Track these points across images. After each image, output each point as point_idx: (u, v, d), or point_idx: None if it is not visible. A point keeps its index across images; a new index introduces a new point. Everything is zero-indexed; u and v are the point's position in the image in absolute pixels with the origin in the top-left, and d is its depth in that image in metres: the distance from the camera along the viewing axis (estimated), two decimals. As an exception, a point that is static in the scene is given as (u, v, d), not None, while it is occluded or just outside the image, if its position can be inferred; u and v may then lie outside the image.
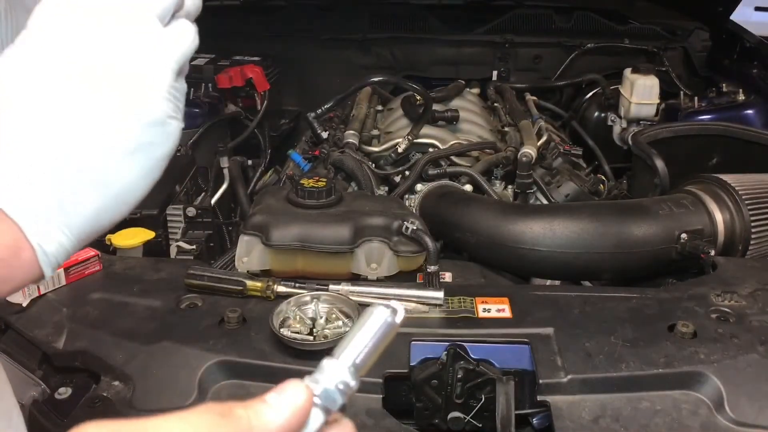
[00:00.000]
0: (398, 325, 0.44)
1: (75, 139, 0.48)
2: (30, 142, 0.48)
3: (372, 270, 1.25)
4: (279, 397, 0.39)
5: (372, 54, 2.52)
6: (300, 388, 0.40)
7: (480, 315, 1.08)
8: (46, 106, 0.49)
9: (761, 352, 0.98)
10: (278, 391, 0.40)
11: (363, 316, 0.44)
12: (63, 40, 0.50)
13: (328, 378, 0.41)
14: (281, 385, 0.40)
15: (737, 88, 2.11)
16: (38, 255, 0.48)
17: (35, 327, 1.07)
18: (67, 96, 0.49)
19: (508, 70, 2.51)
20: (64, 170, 0.48)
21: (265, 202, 1.35)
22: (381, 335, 0.43)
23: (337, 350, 0.43)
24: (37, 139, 0.48)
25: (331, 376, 0.42)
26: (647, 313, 1.09)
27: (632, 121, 2.14)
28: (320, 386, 0.41)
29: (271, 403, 0.39)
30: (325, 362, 0.42)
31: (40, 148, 0.48)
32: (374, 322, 0.43)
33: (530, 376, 0.99)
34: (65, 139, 0.48)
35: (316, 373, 0.42)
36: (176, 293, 1.13)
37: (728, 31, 2.37)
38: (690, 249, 1.29)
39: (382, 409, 0.93)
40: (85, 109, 0.49)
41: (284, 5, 2.52)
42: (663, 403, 0.92)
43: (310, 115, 1.87)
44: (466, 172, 1.65)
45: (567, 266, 1.34)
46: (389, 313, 0.44)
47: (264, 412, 0.38)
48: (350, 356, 0.42)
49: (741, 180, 1.42)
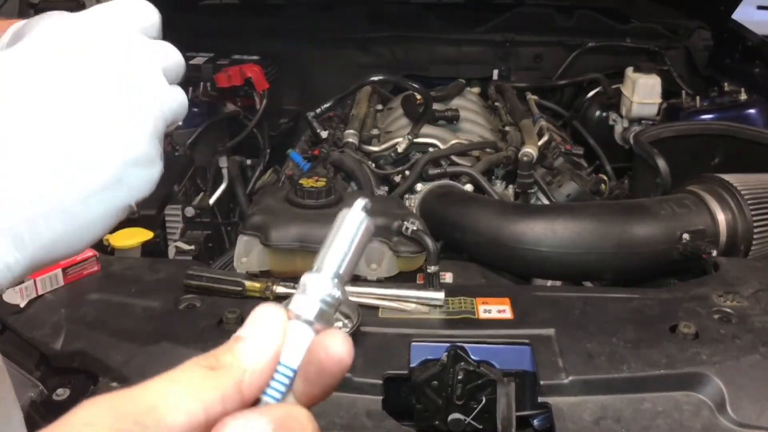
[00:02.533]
0: (371, 222, 0.41)
1: (47, 163, 0.45)
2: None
3: (372, 270, 1.25)
4: (255, 329, 0.38)
5: (372, 53, 2.51)
6: (271, 312, 0.38)
7: (480, 316, 1.08)
8: (23, 129, 0.45)
9: (763, 353, 0.97)
10: (251, 323, 0.38)
11: (336, 222, 0.41)
12: (45, 73, 0.47)
13: (312, 292, 0.39)
14: (252, 314, 0.38)
15: (739, 88, 2.11)
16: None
17: (33, 328, 1.06)
18: (46, 121, 0.46)
19: (508, 69, 2.50)
20: (29, 193, 0.45)
21: (264, 202, 1.35)
22: (360, 238, 0.41)
23: (317, 262, 0.40)
24: (8, 156, 0.44)
25: (314, 289, 0.39)
26: (649, 314, 1.08)
27: (634, 121, 2.14)
28: (305, 302, 0.39)
29: (250, 338, 0.38)
30: (305, 277, 0.40)
31: (8, 165, 0.44)
32: (350, 226, 0.41)
33: (531, 378, 0.98)
34: (39, 161, 0.45)
35: (299, 291, 0.40)
36: (175, 294, 1.13)
37: (730, 30, 2.36)
38: (692, 249, 1.29)
39: (382, 411, 0.92)
40: (64, 136, 0.46)
41: (284, 4, 2.52)
42: (665, 404, 0.92)
43: (310, 114, 1.86)
44: (466, 171, 1.64)
45: (568, 267, 1.34)
46: (361, 211, 0.41)
47: (248, 351, 0.37)
48: (332, 267, 0.40)
49: (743, 180, 1.41)
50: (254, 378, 0.37)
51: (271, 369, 0.37)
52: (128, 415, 0.33)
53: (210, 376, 0.36)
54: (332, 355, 0.38)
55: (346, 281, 0.40)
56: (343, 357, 0.37)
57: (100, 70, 0.49)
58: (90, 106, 0.48)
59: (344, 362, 0.38)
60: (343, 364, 0.38)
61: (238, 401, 0.36)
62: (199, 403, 0.35)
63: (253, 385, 0.37)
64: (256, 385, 0.37)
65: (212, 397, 0.35)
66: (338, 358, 0.37)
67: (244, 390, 0.36)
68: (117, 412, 0.33)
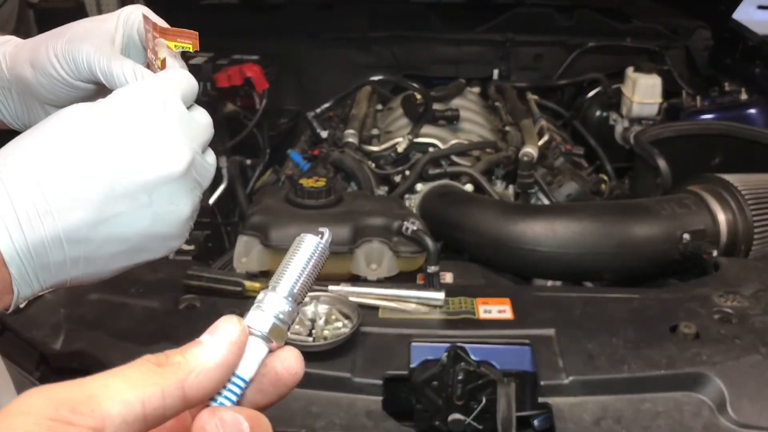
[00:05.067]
0: (327, 247, 0.45)
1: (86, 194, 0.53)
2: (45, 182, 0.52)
3: (372, 270, 1.25)
4: (212, 336, 0.40)
5: (372, 53, 2.51)
6: (232, 323, 0.40)
7: (481, 316, 1.08)
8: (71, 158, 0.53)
9: (764, 353, 0.97)
10: (211, 331, 0.40)
11: (294, 245, 0.45)
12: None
13: (268, 309, 0.42)
14: (214, 324, 0.41)
15: (740, 87, 2.10)
16: (13, 300, 0.53)
17: (33, 328, 1.06)
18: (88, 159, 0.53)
19: (509, 69, 2.49)
20: (65, 228, 0.52)
21: (264, 202, 1.35)
22: (314, 262, 0.45)
23: (273, 282, 0.44)
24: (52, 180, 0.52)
25: (270, 307, 0.42)
26: (649, 314, 1.08)
27: (634, 121, 2.13)
28: (261, 319, 0.42)
29: (205, 343, 0.40)
30: (262, 295, 0.43)
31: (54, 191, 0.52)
32: (306, 250, 0.45)
33: (531, 378, 0.98)
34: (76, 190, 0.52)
35: (254, 307, 0.43)
36: (174, 294, 1.13)
37: (730, 30, 2.36)
38: (692, 249, 1.29)
39: (382, 411, 0.92)
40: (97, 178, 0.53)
41: (283, 4, 2.51)
42: (665, 404, 0.91)
43: (310, 114, 1.86)
44: (466, 171, 1.64)
45: (568, 267, 1.33)
46: (318, 238, 0.45)
47: (199, 354, 0.39)
48: (287, 286, 0.43)
49: (744, 180, 1.41)
50: (198, 379, 0.38)
51: (219, 374, 0.39)
52: (65, 403, 0.34)
53: (155, 372, 0.37)
54: (288, 367, 0.42)
55: (299, 301, 0.44)
56: (298, 370, 0.42)
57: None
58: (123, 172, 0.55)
59: (298, 375, 0.42)
60: (297, 377, 0.42)
61: (179, 399, 0.37)
62: (137, 395, 0.36)
63: (197, 386, 0.38)
64: (200, 387, 0.38)
65: (152, 391, 0.36)
66: (294, 371, 0.42)
67: (187, 390, 0.38)
68: (54, 400, 0.34)
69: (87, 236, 0.53)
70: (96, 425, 0.34)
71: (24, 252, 0.51)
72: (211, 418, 0.38)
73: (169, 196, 0.56)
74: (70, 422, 0.34)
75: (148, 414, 0.36)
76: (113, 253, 0.56)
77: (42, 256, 0.52)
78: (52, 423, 0.33)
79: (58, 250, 0.52)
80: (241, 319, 0.41)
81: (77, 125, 0.54)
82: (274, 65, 2.31)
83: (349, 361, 0.97)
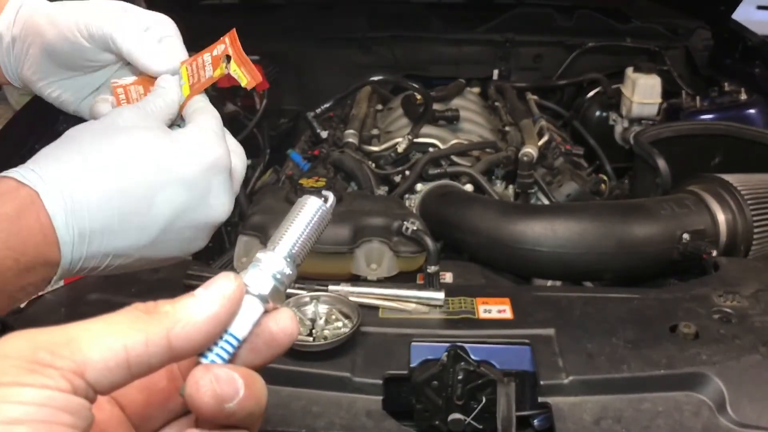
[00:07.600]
0: (330, 212, 0.44)
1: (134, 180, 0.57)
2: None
3: (372, 270, 1.25)
4: (206, 290, 0.39)
5: (372, 53, 2.51)
6: (228, 279, 0.39)
7: (481, 316, 1.08)
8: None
9: (764, 352, 0.97)
10: (206, 285, 0.40)
11: (296, 206, 0.44)
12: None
13: (265, 269, 0.41)
14: (211, 279, 0.40)
15: (739, 88, 2.10)
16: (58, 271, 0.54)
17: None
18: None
19: (508, 69, 2.50)
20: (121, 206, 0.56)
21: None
22: (315, 224, 0.44)
23: (272, 242, 0.43)
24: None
25: (267, 266, 0.41)
26: (649, 314, 1.08)
27: (634, 121, 2.13)
28: (257, 277, 0.41)
29: (198, 296, 0.39)
30: (260, 254, 0.42)
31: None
32: (308, 212, 0.44)
33: (531, 378, 0.98)
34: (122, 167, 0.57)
35: (253, 266, 0.42)
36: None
37: (730, 30, 2.36)
38: (692, 249, 1.29)
39: (381, 411, 0.92)
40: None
41: (283, 4, 2.51)
42: (665, 404, 0.91)
43: (310, 114, 1.86)
44: (466, 171, 1.64)
45: (568, 267, 1.33)
46: (321, 201, 0.44)
47: (190, 305, 0.38)
48: (286, 247, 0.42)
49: (743, 180, 1.41)
50: (186, 330, 0.37)
51: (209, 328, 0.38)
52: (45, 345, 0.34)
53: (141, 319, 0.37)
54: (284, 327, 0.41)
55: (298, 262, 0.43)
56: (293, 330, 0.42)
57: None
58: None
59: (293, 335, 0.42)
60: (292, 337, 0.42)
61: (164, 348, 0.37)
62: (119, 340, 0.35)
63: (184, 337, 0.37)
64: (187, 339, 0.37)
65: (136, 338, 0.36)
66: (289, 331, 0.41)
67: (173, 339, 0.37)
68: (34, 343, 0.34)
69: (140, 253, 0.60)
70: (76, 368, 0.34)
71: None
72: (206, 374, 0.37)
73: (208, 236, 0.64)
74: (49, 364, 0.33)
75: (132, 361, 0.35)
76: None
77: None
78: (30, 365, 0.33)
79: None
80: (239, 276, 0.40)
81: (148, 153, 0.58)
82: (274, 65, 2.31)
83: (349, 361, 0.97)
